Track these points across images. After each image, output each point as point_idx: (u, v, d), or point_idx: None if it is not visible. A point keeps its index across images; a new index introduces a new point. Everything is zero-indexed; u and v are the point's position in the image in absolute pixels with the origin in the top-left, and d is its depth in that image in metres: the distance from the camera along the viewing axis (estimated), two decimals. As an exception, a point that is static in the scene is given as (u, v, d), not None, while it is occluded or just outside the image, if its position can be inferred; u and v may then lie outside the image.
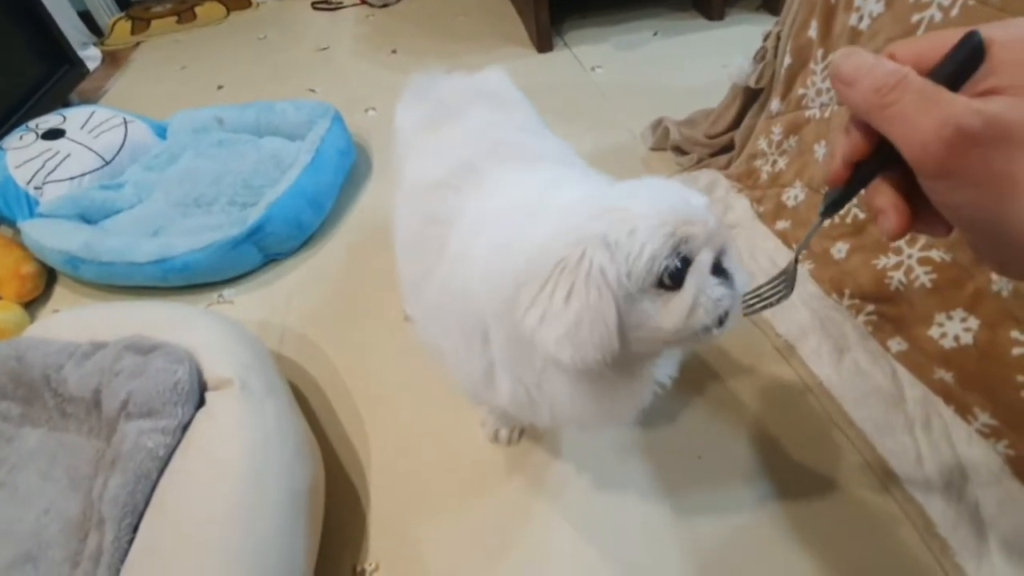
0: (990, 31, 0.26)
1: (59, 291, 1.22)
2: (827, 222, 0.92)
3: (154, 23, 2.37)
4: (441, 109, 0.76)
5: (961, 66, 0.26)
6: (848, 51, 0.30)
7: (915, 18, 0.75)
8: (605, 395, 0.52)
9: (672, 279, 0.45)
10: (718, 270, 0.46)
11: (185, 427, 0.69)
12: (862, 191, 0.33)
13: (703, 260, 0.45)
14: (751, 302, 0.46)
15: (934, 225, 0.30)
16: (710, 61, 1.55)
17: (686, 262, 0.45)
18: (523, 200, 0.56)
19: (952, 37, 0.27)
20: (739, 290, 0.47)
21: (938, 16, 0.72)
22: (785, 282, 0.43)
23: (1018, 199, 0.25)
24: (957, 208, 0.27)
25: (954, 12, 0.70)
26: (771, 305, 0.44)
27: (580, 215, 0.47)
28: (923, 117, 0.26)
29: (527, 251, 0.47)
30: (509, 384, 0.57)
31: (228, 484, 0.64)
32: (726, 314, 0.46)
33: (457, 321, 0.59)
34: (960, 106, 0.25)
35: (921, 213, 0.30)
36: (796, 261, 0.42)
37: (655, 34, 1.76)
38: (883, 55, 0.29)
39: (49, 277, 1.23)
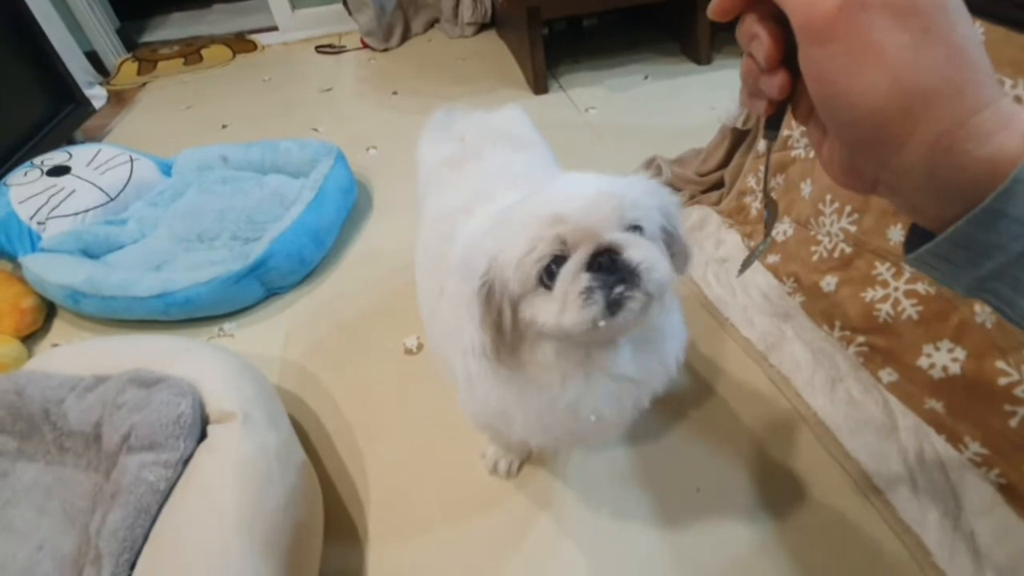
0: None
1: (58, 325, 1.23)
2: (815, 256, 0.95)
3: (160, 64, 2.44)
4: (464, 148, 0.80)
5: None
6: None
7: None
8: (545, 402, 0.55)
9: (552, 279, 0.47)
10: (606, 265, 0.46)
11: (186, 461, 0.69)
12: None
13: (576, 258, 0.46)
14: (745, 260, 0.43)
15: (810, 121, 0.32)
16: (699, 103, 1.62)
17: (565, 261, 0.47)
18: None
19: None
20: (645, 278, 0.46)
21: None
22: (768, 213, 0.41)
23: (880, 70, 0.27)
24: (831, 81, 0.28)
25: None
26: (760, 248, 0.41)
27: (486, 224, 0.54)
28: None
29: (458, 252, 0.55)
30: (485, 389, 0.60)
31: (228, 519, 0.64)
32: (619, 304, 0.46)
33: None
34: None
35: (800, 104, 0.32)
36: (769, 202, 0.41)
37: (646, 77, 1.83)
38: None
39: (48, 311, 1.24)
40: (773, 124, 0.36)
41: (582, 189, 0.49)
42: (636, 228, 0.49)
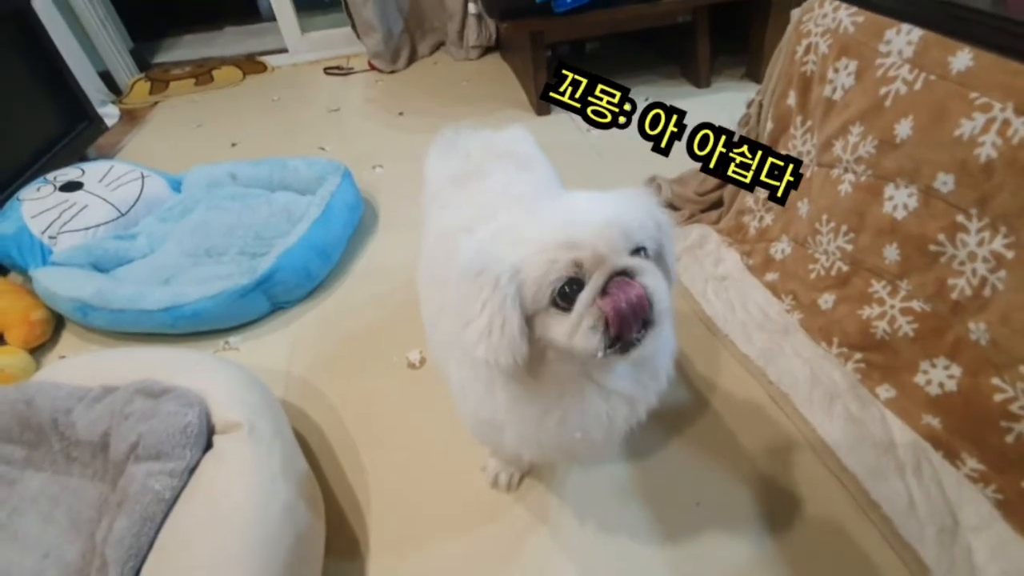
0: None
1: (66, 337, 1.24)
2: (813, 274, 0.96)
3: (172, 84, 2.50)
4: (469, 166, 0.82)
5: None
6: None
7: (882, 91, 0.83)
8: (537, 411, 0.56)
9: (566, 300, 0.49)
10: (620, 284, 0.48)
11: (192, 470, 0.70)
12: None
13: (592, 285, 0.48)
14: None
15: None
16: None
17: (579, 284, 0.48)
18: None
19: None
20: (656, 311, 0.48)
21: (903, 89, 0.80)
22: None
23: None
24: None
25: (917, 86, 0.78)
26: None
27: (492, 236, 0.54)
28: None
29: (465, 259, 0.54)
30: (475, 400, 0.61)
31: (232, 528, 0.65)
32: (627, 340, 0.48)
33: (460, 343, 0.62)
34: None
35: None
36: None
37: (647, 100, 1.87)
38: None
39: (56, 324, 1.25)
40: None
41: (592, 215, 0.51)
42: (640, 249, 0.51)
